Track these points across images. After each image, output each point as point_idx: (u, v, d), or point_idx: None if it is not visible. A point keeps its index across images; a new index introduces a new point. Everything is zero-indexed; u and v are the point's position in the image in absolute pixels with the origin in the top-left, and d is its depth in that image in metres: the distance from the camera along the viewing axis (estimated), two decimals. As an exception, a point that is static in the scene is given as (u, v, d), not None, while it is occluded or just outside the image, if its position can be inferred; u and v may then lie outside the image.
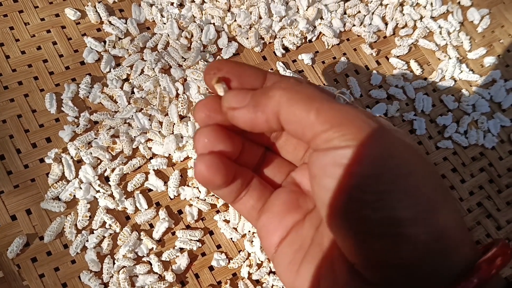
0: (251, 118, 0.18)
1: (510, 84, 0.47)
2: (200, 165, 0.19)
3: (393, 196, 0.16)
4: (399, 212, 0.16)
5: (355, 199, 0.16)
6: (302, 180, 0.22)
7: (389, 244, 0.16)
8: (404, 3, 0.48)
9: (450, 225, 0.17)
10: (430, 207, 0.16)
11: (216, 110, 0.20)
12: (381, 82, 0.44)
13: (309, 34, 0.43)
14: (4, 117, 0.35)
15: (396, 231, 0.16)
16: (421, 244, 0.16)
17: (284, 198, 0.21)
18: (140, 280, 0.33)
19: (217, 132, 0.20)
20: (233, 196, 0.22)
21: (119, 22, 0.39)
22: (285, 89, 0.18)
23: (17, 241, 0.32)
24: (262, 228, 0.21)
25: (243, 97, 0.19)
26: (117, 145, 0.35)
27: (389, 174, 0.16)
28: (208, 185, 0.20)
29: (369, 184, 0.16)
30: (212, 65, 0.20)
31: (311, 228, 0.20)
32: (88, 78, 0.37)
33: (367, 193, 0.16)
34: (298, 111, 0.17)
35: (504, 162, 0.44)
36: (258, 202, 0.22)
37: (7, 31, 0.37)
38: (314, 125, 0.17)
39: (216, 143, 0.19)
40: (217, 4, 0.42)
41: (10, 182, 0.33)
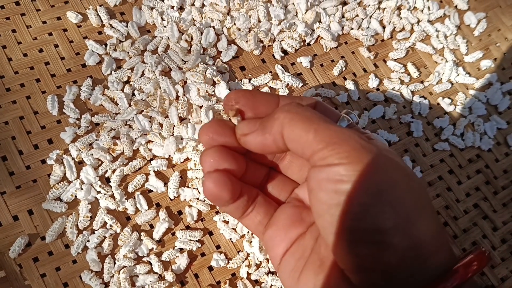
0: (260, 140, 0.21)
1: (506, 87, 0.48)
2: (208, 182, 0.21)
3: (376, 208, 0.18)
4: (381, 222, 0.18)
5: (343, 211, 0.18)
6: (305, 196, 0.24)
7: (372, 251, 0.18)
8: (402, 7, 0.48)
9: (427, 234, 0.18)
10: (409, 218, 0.18)
11: (219, 132, 0.22)
12: (379, 85, 0.44)
13: (307, 37, 0.44)
14: (7, 118, 0.35)
15: (378, 239, 0.18)
16: (400, 251, 0.18)
17: (288, 212, 0.23)
18: (140, 280, 0.33)
19: (221, 152, 0.22)
20: (240, 212, 0.23)
21: (120, 25, 0.40)
22: (287, 112, 0.20)
23: (19, 241, 0.32)
24: (269, 240, 0.23)
25: (253, 124, 0.21)
26: (118, 146, 0.36)
27: (374, 188, 0.18)
28: (216, 200, 0.22)
29: (354, 197, 0.18)
30: (230, 97, 0.22)
31: (312, 239, 0.22)
32: (89, 81, 0.37)
33: (354, 205, 0.18)
34: (298, 131, 0.19)
35: (500, 164, 0.45)
36: (265, 217, 0.24)
37: (10, 33, 0.38)
38: (312, 144, 0.19)
39: (221, 162, 0.22)
40: (217, 8, 0.42)
41: (12, 182, 0.34)
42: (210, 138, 0.22)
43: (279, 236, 0.23)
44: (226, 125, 0.22)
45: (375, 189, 0.18)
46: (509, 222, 0.43)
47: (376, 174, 0.18)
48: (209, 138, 0.22)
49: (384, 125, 0.43)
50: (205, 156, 0.22)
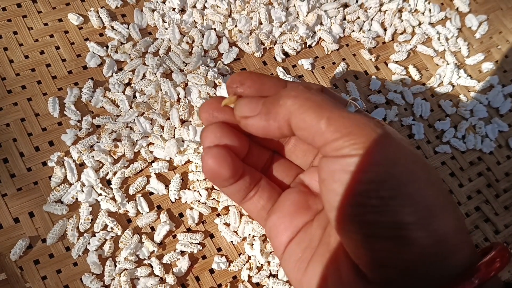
0: (263, 126, 0.19)
1: (507, 89, 0.48)
2: (207, 157, 0.20)
3: (396, 202, 0.17)
4: (401, 217, 0.17)
5: (361, 204, 0.17)
6: (311, 182, 0.22)
7: (391, 246, 0.17)
8: (403, 10, 0.48)
9: (449, 230, 0.17)
10: (431, 212, 0.17)
11: (220, 109, 0.21)
12: (380, 87, 0.44)
13: (309, 40, 0.44)
14: (8, 120, 0.35)
15: (398, 234, 0.17)
16: (421, 247, 0.17)
17: (293, 198, 0.22)
18: (141, 283, 0.33)
19: (223, 129, 0.20)
20: (241, 195, 0.22)
21: (121, 27, 0.40)
22: (295, 97, 0.18)
23: (20, 244, 0.32)
24: (272, 227, 0.22)
25: (255, 105, 0.19)
26: (119, 148, 0.36)
27: (393, 180, 0.17)
28: (215, 178, 0.21)
29: (374, 189, 0.17)
30: (235, 79, 0.21)
31: (319, 228, 0.21)
32: (90, 83, 0.37)
33: (372, 198, 0.17)
34: (309, 119, 0.18)
35: (502, 167, 0.45)
36: (268, 202, 0.22)
37: (11, 35, 0.38)
38: (325, 133, 0.17)
39: (222, 138, 0.20)
40: (218, 10, 0.42)
41: (13, 185, 0.34)
42: (211, 115, 0.21)
43: (283, 223, 0.22)
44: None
45: (395, 182, 0.17)
46: (511, 225, 0.43)
47: (395, 166, 0.17)
48: (209, 116, 0.21)
49: (385, 127, 0.43)
50: (205, 132, 0.21)
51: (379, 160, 0.17)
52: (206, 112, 0.21)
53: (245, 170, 0.22)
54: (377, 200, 0.17)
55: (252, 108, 0.20)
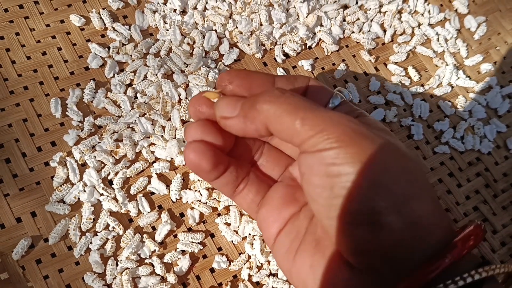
0: (242, 128, 0.20)
1: (506, 90, 0.48)
2: (188, 151, 0.21)
3: (370, 190, 0.18)
4: (375, 203, 0.18)
5: (338, 195, 0.18)
6: (298, 175, 0.23)
7: (368, 232, 0.18)
8: (402, 11, 0.49)
9: (424, 213, 0.18)
10: (405, 198, 0.18)
11: (207, 104, 0.22)
12: (380, 88, 0.45)
13: (309, 41, 0.44)
14: (10, 121, 0.36)
15: (373, 220, 0.18)
16: (396, 231, 0.18)
17: (281, 192, 0.23)
18: (142, 282, 0.33)
19: (205, 126, 0.21)
20: (230, 189, 0.23)
21: (123, 29, 0.40)
22: (271, 102, 0.19)
23: (22, 243, 0.32)
24: (262, 220, 0.23)
25: (233, 107, 0.20)
26: (121, 149, 0.36)
27: (367, 171, 0.18)
28: (198, 171, 0.22)
29: (349, 180, 0.18)
30: (224, 77, 0.22)
31: (306, 219, 0.22)
32: (92, 83, 0.38)
33: (348, 188, 0.18)
34: (284, 122, 0.19)
35: (500, 167, 0.45)
36: (257, 195, 0.23)
37: (13, 36, 0.38)
38: (300, 133, 0.19)
39: (204, 135, 0.21)
40: (219, 11, 0.43)
41: (15, 185, 0.34)
42: (197, 110, 0.22)
43: (272, 216, 0.23)
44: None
45: (369, 172, 0.18)
46: (508, 225, 0.43)
47: (369, 156, 0.18)
48: (195, 110, 0.22)
49: (384, 128, 0.43)
50: (188, 128, 0.21)
51: (353, 151, 0.18)
52: (192, 106, 0.22)
53: (230, 163, 0.22)
54: (352, 190, 0.18)
55: (230, 109, 0.20)
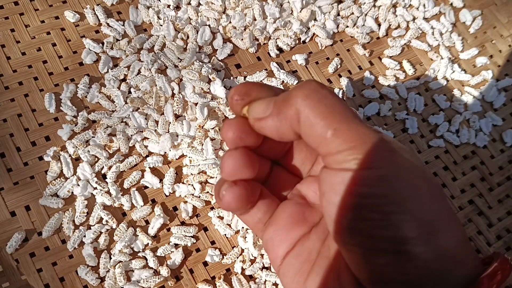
0: (276, 126, 0.19)
1: (501, 84, 0.48)
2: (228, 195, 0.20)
3: (398, 217, 0.17)
4: (403, 232, 0.17)
5: (362, 218, 0.17)
6: (308, 193, 0.22)
7: (392, 261, 0.17)
8: (397, 5, 0.48)
9: (451, 245, 0.17)
10: (433, 228, 0.17)
11: (245, 130, 0.20)
12: (374, 82, 0.45)
13: (302, 35, 0.44)
14: (5, 116, 0.36)
15: (399, 249, 0.17)
16: (422, 262, 0.17)
17: (290, 211, 0.22)
18: (135, 275, 0.34)
19: (246, 157, 0.20)
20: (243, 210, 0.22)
21: (116, 24, 0.40)
22: (305, 98, 0.18)
23: (16, 237, 0.33)
24: (269, 240, 0.22)
25: (266, 106, 0.19)
26: (114, 143, 0.36)
27: (396, 195, 0.17)
28: (230, 209, 0.21)
29: (376, 204, 0.17)
30: (240, 91, 0.20)
31: (318, 241, 0.21)
32: (86, 79, 0.38)
33: (374, 212, 0.17)
34: (316, 126, 0.18)
35: (496, 160, 0.45)
36: (266, 215, 0.22)
37: (8, 33, 0.38)
38: (329, 144, 0.17)
39: (243, 169, 0.20)
40: (213, 6, 0.43)
41: (10, 179, 0.34)
42: (238, 137, 0.20)
43: (279, 236, 0.21)
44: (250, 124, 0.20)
45: (398, 197, 0.17)
46: (504, 219, 0.43)
47: (399, 181, 0.17)
48: (236, 137, 0.20)
49: (379, 122, 0.43)
50: (229, 159, 0.20)
51: (382, 175, 0.17)
52: (229, 131, 0.20)
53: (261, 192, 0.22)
54: (379, 214, 0.17)
55: (263, 109, 0.19)
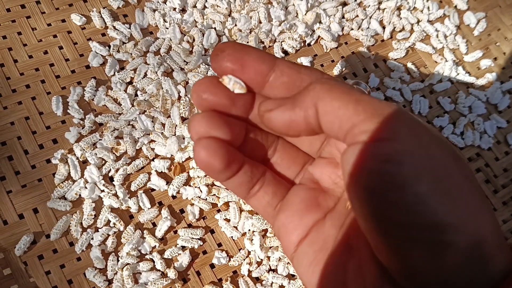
0: (289, 116, 0.18)
1: (506, 86, 0.48)
2: (198, 148, 0.18)
3: (434, 199, 0.15)
4: (440, 217, 0.15)
5: (394, 202, 0.15)
6: (322, 177, 0.21)
7: (429, 250, 0.15)
8: (401, 7, 0.49)
9: (488, 231, 0.16)
10: (470, 212, 0.15)
11: (211, 91, 0.19)
12: (379, 85, 0.45)
13: (308, 38, 0.44)
14: (12, 119, 0.36)
15: (436, 237, 0.15)
16: (462, 251, 0.15)
17: (302, 195, 0.21)
18: (143, 277, 0.34)
19: (213, 119, 0.19)
20: (244, 190, 0.21)
21: (123, 27, 0.40)
22: (324, 83, 0.17)
23: (24, 239, 0.33)
24: (281, 227, 0.21)
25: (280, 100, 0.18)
26: (121, 146, 0.37)
27: (430, 175, 0.15)
28: (208, 170, 0.19)
29: (409, 184, 0.15)
30: (217, 47, 0.19)
31: (333, 228, 0.19)
32: (93, 82, 0.38)
33: (407, 194, 0.15)
34: (336, 102, 0.16)
35: (500, 162, 0.45)
36: (274, 198, 0.21)
37: (15, 36, 0.39)
38: (352, 116, 0.16)
39: (212, 130, 0.19)
40: (218, 9, 0.43)
41: (18, 182, 0.35)
42: (199, 97, 0.19)
43: (292, 222, 0.20)
44: (220, 83, 0.19)
45: (431, 177, 0.15)
46: (509, 221, 0.43)
47: (432, 158, 0.15)
48: (198, 98, 0.19)
49: (384, 124, 0.44)
50: (193, 121, 0.19)
51: (414, 150, 0.15)
52: (195, 93, 0.19)
53: (244, 161, 0.20)
54: (413, 196, 0.15)
55: (277, 101, 0.18)
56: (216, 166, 0.19)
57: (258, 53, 0.19)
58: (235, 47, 0.19)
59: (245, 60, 0.19)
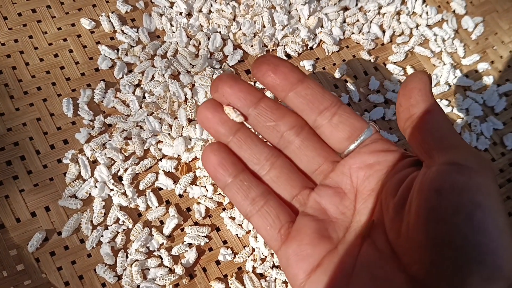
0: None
1: (502, 89, 0.49)
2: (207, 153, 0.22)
3: (493, 231, 0.16)
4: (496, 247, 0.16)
5: (458, 224, 0.16)
6: (329, 207, 0.22)
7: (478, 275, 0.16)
8: (401, 12, 0.50)
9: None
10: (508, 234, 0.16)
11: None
12: (379, 87, 0.46)
13: (310, 42, 0.46)
14: (25, 120, 0.37)
15: (489, 263, 0.16)
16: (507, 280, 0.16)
17: (313, 226, 0.21)
18: (151, 273, 0.35)
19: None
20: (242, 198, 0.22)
21: (131, 31, 0.41)
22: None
23: (37, 236, 0.34)
24: (292, 255, 0.21)
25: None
26: (130, 146, 0.38)
27: (494, 208, 0.16)
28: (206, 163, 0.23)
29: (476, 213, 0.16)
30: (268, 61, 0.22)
31: (349, 257, 0.20)
32: (102, 84, 0.39)
33: (473, 220, 0.16)
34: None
35: (497, 163, 0.46)
36: (276, 220, 0.22)
37: (27, 39, 0.40)
38: (434, 141, 0.19)
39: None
40: (223, 14, 0.44)
41: (30, 181, 0.36)
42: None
43: (305, 251, 0.21)
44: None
45: (495, 209, 0.16)
46: (505, 220, 0.44)
47: (495, 192, 0.17)
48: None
49: (384, 126, 0.45)
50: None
51: (488, 184, 0.16)
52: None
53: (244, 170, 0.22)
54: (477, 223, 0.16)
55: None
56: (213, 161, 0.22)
57: (292, 65, 0.22)
58: (275, 57, 0.22)
59: (279, 66, 0.21)
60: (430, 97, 0.20)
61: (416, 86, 0.20)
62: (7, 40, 0.39)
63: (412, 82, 0.20)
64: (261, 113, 0.22)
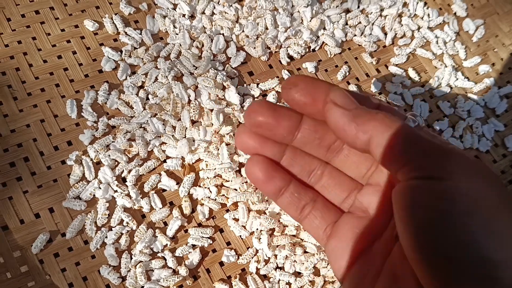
0: (344, 122, 0.19)
1: (503, 90, 0.49)
2: (249, 162, 0.21)
3: (485, 237, 0.16)
4: (490, 254, 0.15)
5: (447, 237, 0.16)
6: (370, 205, 0.22)
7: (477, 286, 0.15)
8: (403, 15, 0.50)
9: None
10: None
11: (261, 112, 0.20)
12: (381, 89, 0.46)
13: (312, 44, 0.46)
14: (28, 121, 0.37)
15: (486, 274, 0.15)
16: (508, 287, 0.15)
17: (352, 224, 0.22)
18: (155, 274, 0.35)
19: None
20: (294, 210, 0.23)
21: (134, 33, 0.42)
22: (386, 116, 0.18)
23: (41, 238, 0.34)
24: (332, 252, 0.22)
25: (350, 102, 0.19)
26: (133, 148, 0.38)
27: (481, 214, 0.16)
28: (253, 179, 0.22)
29: (462, 223, 0.15)
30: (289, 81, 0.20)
31: (381, 257, 0.20)
32: (106, 85, 0.39)
33: (459, 231, 0.16)
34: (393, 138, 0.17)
35: (498, 165, 0.47)
36: (322, 221, 0.22)
37: (30, 41, 0.40)
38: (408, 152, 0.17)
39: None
40: (226, 16, 0.44)
41: (34, 182, 0.36)
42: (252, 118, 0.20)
43: (342, 248, 0.21)
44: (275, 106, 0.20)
45: (483, 215, 0.15)
46: (506, 221, 0.44)
47: (484, 198, 0.16)
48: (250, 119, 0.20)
49: (386, 127, 0.45)
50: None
51: (468, 190, 0.16)
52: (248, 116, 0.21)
53: (291, 181, 0.22)
54: (464, 233, 0.15)
55: (346, 102, 0.19)
56: (259, 176, 0.21)
57: (326, 86, 0.20)
58: (306, 81, 0.20)
59: (316, 94, 0.20)
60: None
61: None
62: (11, 41, 0.39)
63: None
64: (306, 134, 0.22)
